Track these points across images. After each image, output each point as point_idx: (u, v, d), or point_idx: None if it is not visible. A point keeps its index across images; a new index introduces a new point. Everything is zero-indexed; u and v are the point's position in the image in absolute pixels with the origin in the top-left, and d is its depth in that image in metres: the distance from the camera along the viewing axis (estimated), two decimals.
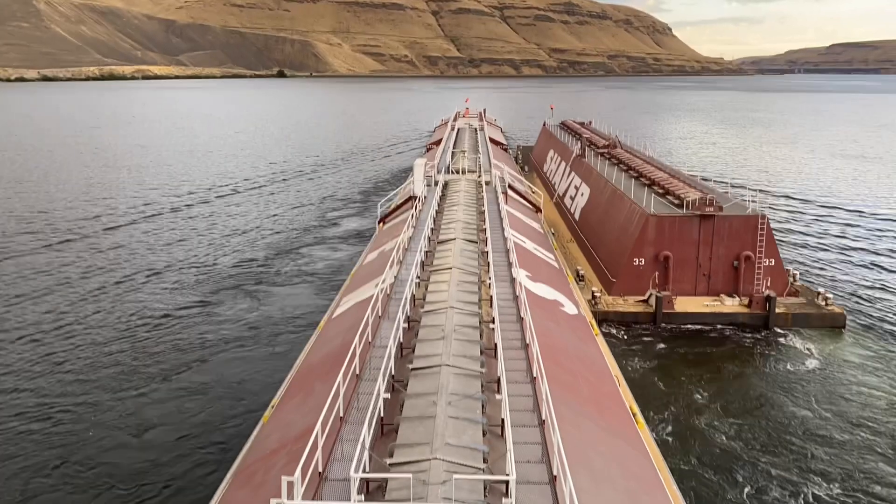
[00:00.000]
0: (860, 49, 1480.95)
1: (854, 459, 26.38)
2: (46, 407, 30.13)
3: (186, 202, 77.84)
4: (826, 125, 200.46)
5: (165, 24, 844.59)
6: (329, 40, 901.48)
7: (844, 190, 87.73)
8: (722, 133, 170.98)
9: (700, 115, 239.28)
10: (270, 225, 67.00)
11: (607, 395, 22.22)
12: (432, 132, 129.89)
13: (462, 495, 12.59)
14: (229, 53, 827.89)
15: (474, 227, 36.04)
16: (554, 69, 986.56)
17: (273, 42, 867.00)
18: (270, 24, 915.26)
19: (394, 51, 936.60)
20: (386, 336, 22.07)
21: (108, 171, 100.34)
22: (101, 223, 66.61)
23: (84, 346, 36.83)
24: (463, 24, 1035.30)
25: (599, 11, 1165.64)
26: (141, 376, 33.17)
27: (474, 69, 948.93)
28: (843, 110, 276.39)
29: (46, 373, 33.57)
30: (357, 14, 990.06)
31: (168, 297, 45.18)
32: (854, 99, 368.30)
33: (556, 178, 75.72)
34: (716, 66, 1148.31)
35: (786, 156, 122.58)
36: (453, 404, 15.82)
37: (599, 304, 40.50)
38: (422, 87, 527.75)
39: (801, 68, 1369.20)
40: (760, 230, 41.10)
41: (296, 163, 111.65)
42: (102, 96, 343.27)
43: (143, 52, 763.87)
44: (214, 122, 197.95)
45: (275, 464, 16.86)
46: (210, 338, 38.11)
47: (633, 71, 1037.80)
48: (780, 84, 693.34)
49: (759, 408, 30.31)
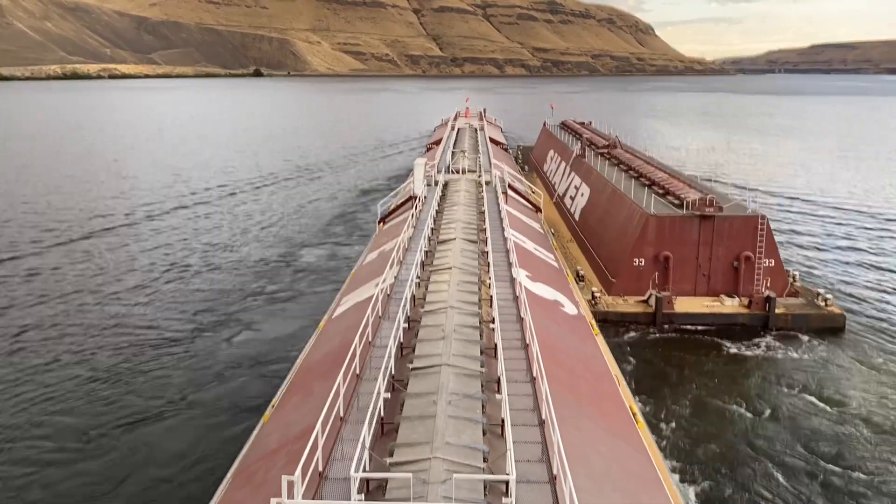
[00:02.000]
0: (839, 49, 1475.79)
1: (853, 460, 26.40)
2: (46, 406, 30.16)
3: (155, 211, 77.81)
4: (867, 131, 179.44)
5: (137, 21, 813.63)
6: (308, 38, 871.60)
7: (849, 190, 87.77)
8: (766, 146, 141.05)
9: (715, 121, 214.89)
10: (270, 225, 67.01)
11: (607, 394, 22.23)
12: (432, 132, 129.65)
13: (462, 495, 12.61)
14: (204, 52, 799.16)
15: (474, 227, 36.05)
16: (538, 69, 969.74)
17: (250, 40, 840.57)
18: (247, 21, 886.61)
19: (375, 49, 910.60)
20: (386, 336, 22.08)
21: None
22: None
23: (83, 344, 36.88)
24: (445, 22, 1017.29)
25: (583, 10, 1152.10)
26: (140, 375, 33.20)
27: (457, 68, 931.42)
28: (869, 115, 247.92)
29: (46, 371, 33.60)
30: (337, 12, 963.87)
31: (167, 296, 45.21)
32: (861, 101, 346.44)
33: (557, 178, 75.72)
34: (699, 66, 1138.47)
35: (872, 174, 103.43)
36: (453, 404, 15.84)
37: (599, 305, 40.51)
38: (404, 87, 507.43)
39: (781, 69, 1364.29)
40: (760, 231, 41.11)
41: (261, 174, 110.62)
42: (54, 98, 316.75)
43: (112, 49, 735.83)
44: (170, 128, 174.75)
45: (275, 463, 16.88)
46: (209, 337, 38.13)
47: (617, 71, 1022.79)
48: (772, 85, 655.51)
49: (759, 408, 30.31)
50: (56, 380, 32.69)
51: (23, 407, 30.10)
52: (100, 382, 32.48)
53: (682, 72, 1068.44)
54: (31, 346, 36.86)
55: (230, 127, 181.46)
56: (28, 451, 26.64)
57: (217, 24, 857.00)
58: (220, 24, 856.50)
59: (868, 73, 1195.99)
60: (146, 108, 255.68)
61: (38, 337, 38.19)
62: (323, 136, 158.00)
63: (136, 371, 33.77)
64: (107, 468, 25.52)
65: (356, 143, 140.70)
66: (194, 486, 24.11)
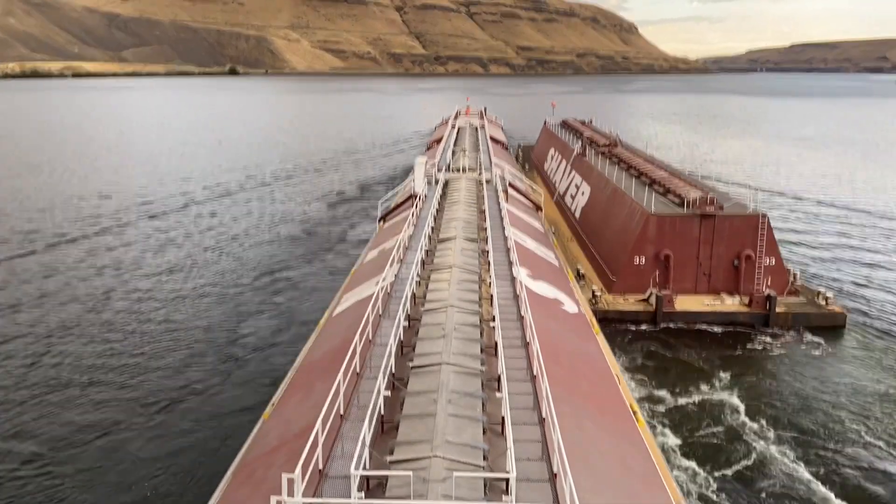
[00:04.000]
0: (820, 49, 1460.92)
1: (853, 455, 26.41)
2: (45, 404, 30.19)
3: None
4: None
5: (108, 18, 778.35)
6: (287, 36, 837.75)
7: (851, 190, 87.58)
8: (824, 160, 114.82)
9: (754, 129, 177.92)
10: (270, 224, 67.02)
11: (607, 393, 22.23)
12: (432, 131, 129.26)
13: (462, 493, 12.61)
14: (179, 50, 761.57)
15: (475, 226, 36.04)
16: (522, 68, 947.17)
17: (227, 38, 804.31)
18: (224, 18, 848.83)
19: (356, 47, 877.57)
20: (386, 334, 22.09)
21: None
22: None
23: (82, 341, 36.90)
24: (428, 20, 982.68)
25: (567, 9, 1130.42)
26: (140, 374, 33.22)
27: (440, 67, 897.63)
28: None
29: (44, 371, 33.63)
30: (316, 8, 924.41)
31: (165, 297, 45.23)
32: (870, 104, 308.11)
33: (557, 176, 75.69)
34: (683, 65, 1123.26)
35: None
36: (453, 402, 15.84)
37: (600, 303, 40.51)
38: (385, 86, 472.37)
39: (763, 68, 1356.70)
40: (761, 229, 41.09)
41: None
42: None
43: (80, 47, 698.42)
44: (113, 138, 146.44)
45: (275, 461, 16.89)
46: (210, 336, 38.16)
47: (603, 70, 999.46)
48: (768, 85, 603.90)
49: (759, 406, 30.32)
50: (50, 381, 32.75)
51: (20, 408, 30.15)
52: (100, 382, 32.53)
53: (668, 71, 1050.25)
54: (19, 356, 36.91)
55: (177, 135, 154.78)
56: (27, 452, 26.67)
57: (193, 21, 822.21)
58: (196, 22, 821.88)
59: (849, 72, 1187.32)
60: (93, 110, 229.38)
61: (29, 349, 38.23)
62: (282, 149, 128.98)
63: (135, 371, 33.82)
64: (107, 467, 25.55)
65: (318, 162, 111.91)
66: (194, 484, 24.13)
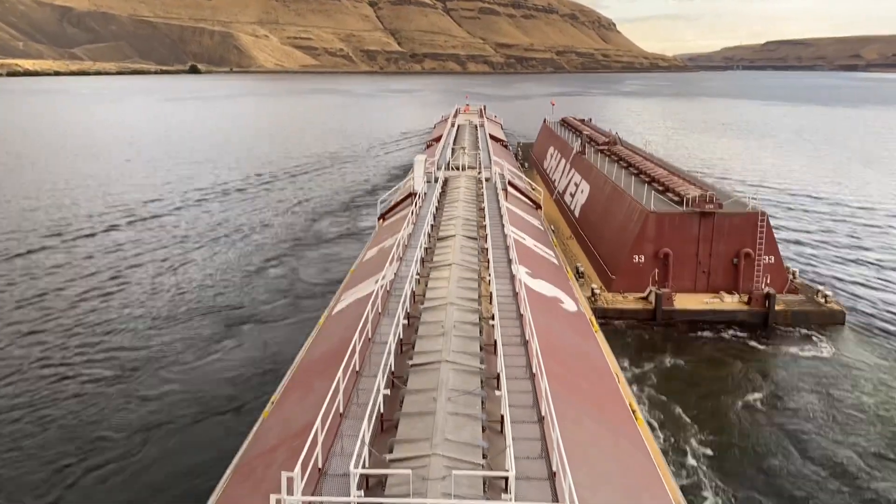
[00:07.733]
0: (794, 46, 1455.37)
1: (853, 455, 26.42)
2: (44, 403, 30.18)
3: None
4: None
5: (60, 12, 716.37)
6: (255, 32, 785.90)
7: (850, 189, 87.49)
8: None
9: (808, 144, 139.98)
10: (270, 224, 67.00)
11: (607, 391, 22.24)
12: (432, 129, 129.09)
13: (461, 491, 12.62)
14: (137, 46, 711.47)
15: (474, 224, 36.03)
16: (501, 65, 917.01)
17: (189, 34, 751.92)
18: (188, 13, 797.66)
19: (328, 44, 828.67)
20: (386, 332, 22.11)
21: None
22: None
23: (82, 340, 36.89)
24: (403, 16, 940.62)
25: (545, 5, 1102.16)
26: (139, 373, 33.21)
27: (417, 65, 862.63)
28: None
29: (44, 369, 33.61)
30: (286, 4, 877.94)
31: (165, 296, 45.21)
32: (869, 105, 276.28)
33: (557, 174, 75.68)
34: (663, 63, 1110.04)
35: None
36: (453, 400, 15.85)
37: (599, 301, 40.51)
38: (358, 86, 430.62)
39: (739, 65, 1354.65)
40: (760, 227, 41.09)
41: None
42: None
43: (26, 43, 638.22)
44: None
45: (275, 459, 16.89)
46: (209, 335, 38.15)
47: (583, 67, 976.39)
48: (760, 84, 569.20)
49: (758, 405, 30.34)
50: (47, 382, 32.74)
51: (17, 410, 30.15)
52: (99, 381, 32.51)
53: (648, 68, 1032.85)
54: (8, 357, 36.89)
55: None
56: (27, 450, 26.67)
57: (153, 16, 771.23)
58: (157, 17, 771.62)
59: (823, 69, 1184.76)
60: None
61: (22, 351, 38.20)
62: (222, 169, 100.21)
63: (134, 369, 33.81)
64: (106, 466, 25.55)
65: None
66: (194, 482, 24.13)
